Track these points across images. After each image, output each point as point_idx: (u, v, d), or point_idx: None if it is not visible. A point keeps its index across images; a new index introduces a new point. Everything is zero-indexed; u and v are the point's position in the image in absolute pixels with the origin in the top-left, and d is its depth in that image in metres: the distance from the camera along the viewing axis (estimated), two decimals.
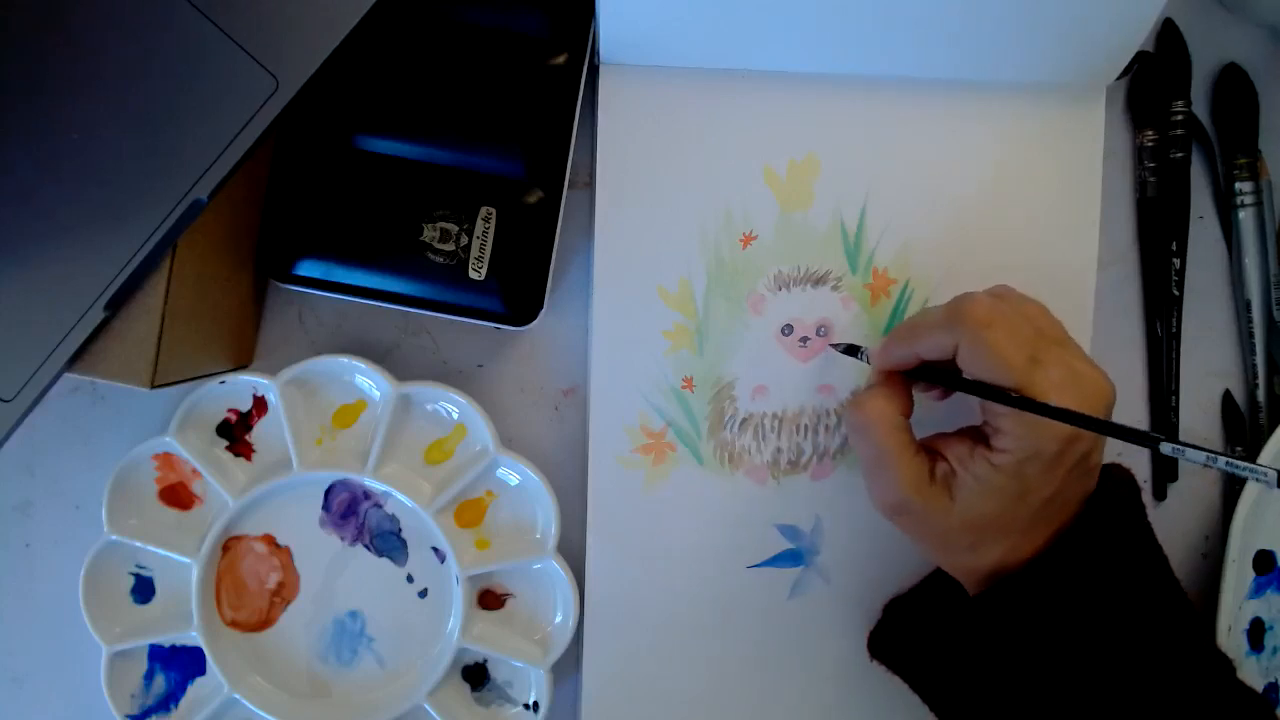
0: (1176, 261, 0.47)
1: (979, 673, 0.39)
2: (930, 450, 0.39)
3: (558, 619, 0.46)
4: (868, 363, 0.42)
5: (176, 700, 0.46)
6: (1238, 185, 0.48)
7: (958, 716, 0.42)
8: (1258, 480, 0.32)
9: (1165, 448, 0.34)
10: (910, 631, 0.43)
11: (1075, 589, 0.37)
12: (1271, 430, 0.47)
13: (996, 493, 0.37)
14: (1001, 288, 0.40)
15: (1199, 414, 0.48)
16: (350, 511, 0.46)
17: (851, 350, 0.43)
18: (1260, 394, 0.48)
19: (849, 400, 0.43)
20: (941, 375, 0.39)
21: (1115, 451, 0.48)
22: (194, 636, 0.45)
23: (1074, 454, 0.36)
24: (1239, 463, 0.32)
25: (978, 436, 0.38)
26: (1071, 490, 0.38)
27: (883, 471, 0.39)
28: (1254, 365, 0.48)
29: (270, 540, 0.46)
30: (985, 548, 0.38)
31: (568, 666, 0.46)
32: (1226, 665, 0.38)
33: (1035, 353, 0.36)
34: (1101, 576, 0.37)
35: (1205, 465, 0.34)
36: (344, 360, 0.44)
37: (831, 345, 0.45)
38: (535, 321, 0.43)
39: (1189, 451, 0.33)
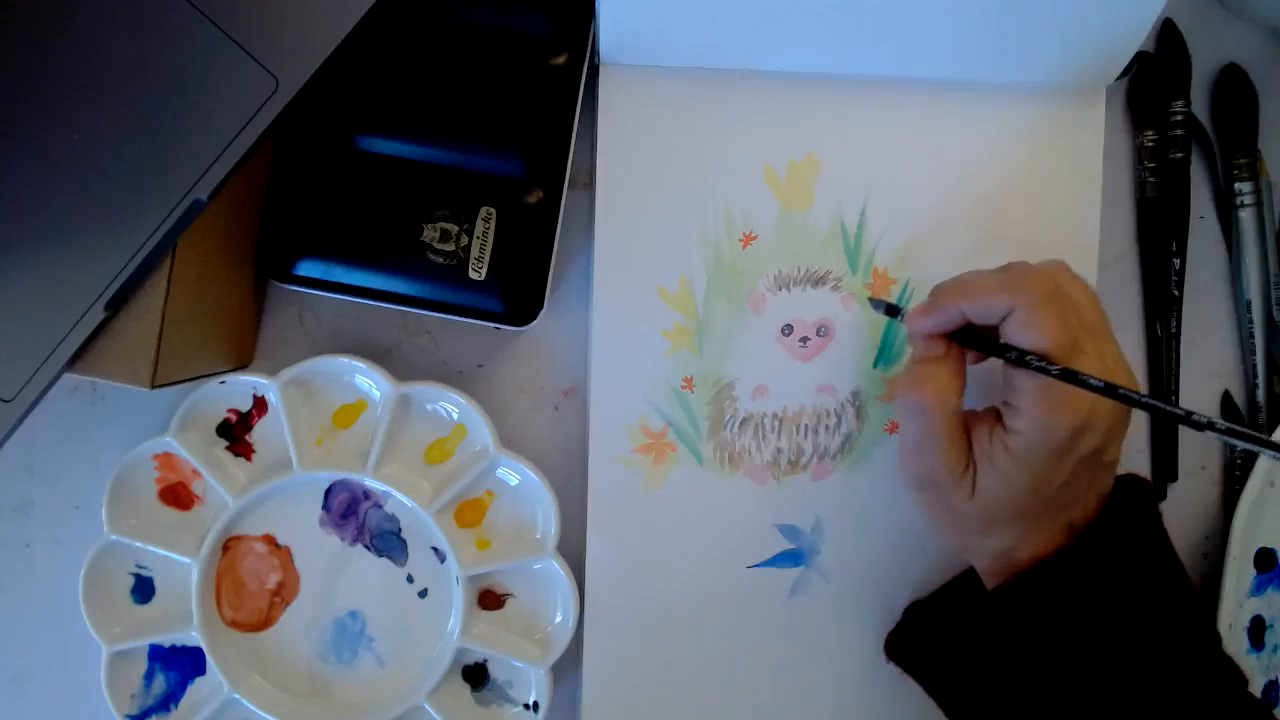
0: (1176, 261, 0.47)
1: (993, 672, 0.39)
2: (966, 432, 0.39)
3: (558, 619, 0.46)
4: (901, 323, 0.41)
5: (176, 700, 0.46)
6: (1237, 185, 0.48)
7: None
8: None
9: (1200, 418, 0.34)
10: (930, 634, 0.43)
11: (1092, 588, 0.37)
12: (1271, 430, 0.47)
13: (1012, 483, 0.37)
14: (1056, 263, 0.39)
15: None
16: (350, 511, 0.46)
17: (893, 310, 0.42)
18: (1260, 394, 0.48)
19: (906, 374, 0.40)
20: (983, 341, 0.38)
21: None
22: (194, 636, 0.45)
23: (1085, 445, 0.36)
24: None
25: (998, 417, 0.38)
26: (1083, 484, 0.38)
27: (923, 453, 0.39)
28: (1254, 365, 0.48)
29: (270, 540, 0.46)
30: (995, 533, 0.38)
31: (568, 666, 0.46)
32: (1239, 676, 0.38)
33: (1077, 339, 0.36)
34: (1118, 578, 0.37)
35: (1255, 450, 0.34)
36: (344, 360, 0.44)
37: (871, 300, 0.44)
38: (535, 321, 0.43)
39: (1228, 436, 0.33)
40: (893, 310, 0.42)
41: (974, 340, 0.39)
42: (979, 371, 0.42)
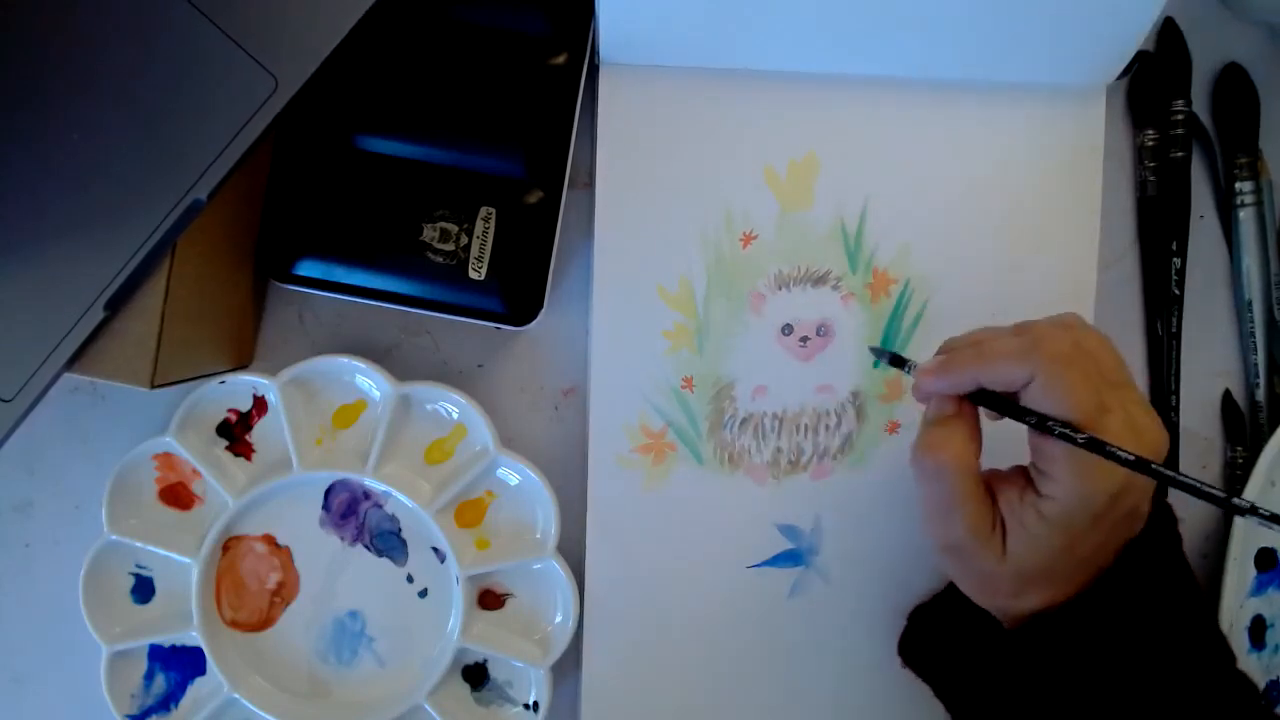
0: (1177, 261, 0.47)
1: (1010, 700, 0.38)
2: (989, 490, 0.37)
3: (558, 619, 0.46)
4: (909, 375, 0.39)
5: (176, 700, 0.46)
6: (1238, 185, 0.48)
7: None
8: None
9: (1241, 503, 0.32)
10: (935, 639, 0.43)
11: (1109, 631, 0.36)
12: (1271, 430, 0.47)
13: (1045, 546, 0.35)
14: (1070, 317, 0.37)
15: (1199, 414, 0.48)
16: (350, 511, 0.46)
17: (898, 361, 0.40)
18: (1260, 394, 0.48)
19: (922, 440, 0.37)
20: (1001, 403, 0.36)
21: None
22: (194, 636, 0.45)
23: (1124, 505, 0.35)
24: None
25: (1029, 479, 0.36)
26: (1118, 537, 0.36)
27: (948, 516, 0.37)
28: (1254, 365, 0.48)
29: (270, 540, 0.46)
30: (1029, 594, 0.37)
31: (568, 666, 0.46)
32: (1252, 692, 0.37)
33: (1103, 399, 0.34)
34: (1136, 620, 0.36)
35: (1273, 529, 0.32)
36: (344, 360, 0.44)
37: (872, 349, 0.43)
38: (535, 321, 0.43)
39: (1272, 524, 0.31)
40: (898, 361, 0.40)
41: (991, 401, 0.36)
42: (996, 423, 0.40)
